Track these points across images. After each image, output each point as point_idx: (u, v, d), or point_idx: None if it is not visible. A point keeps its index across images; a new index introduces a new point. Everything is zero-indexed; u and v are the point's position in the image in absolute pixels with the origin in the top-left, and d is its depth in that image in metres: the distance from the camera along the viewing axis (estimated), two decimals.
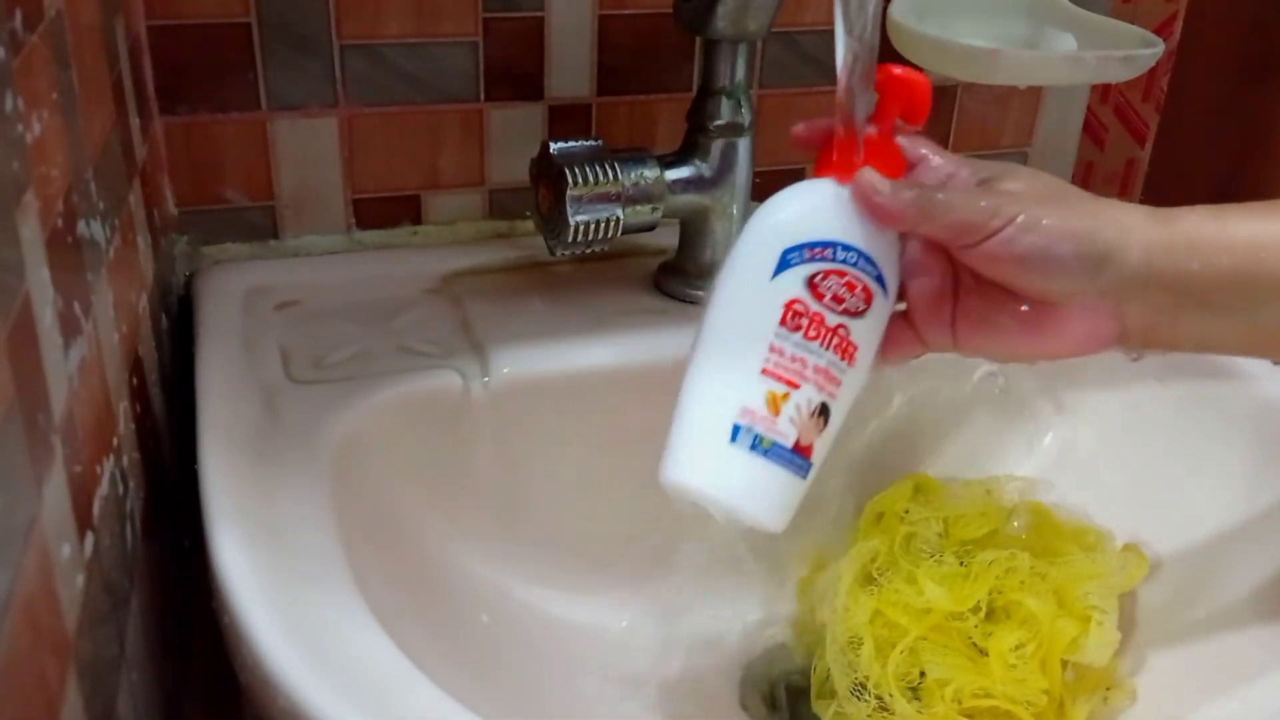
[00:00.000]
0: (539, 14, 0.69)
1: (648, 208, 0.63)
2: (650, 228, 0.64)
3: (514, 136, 0.72)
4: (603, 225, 0.62)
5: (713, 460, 0.43)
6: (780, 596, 0.64)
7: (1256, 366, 0.62)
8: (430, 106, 0.69)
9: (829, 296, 0.44)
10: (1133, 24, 0.70)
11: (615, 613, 0.62)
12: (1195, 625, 0.57)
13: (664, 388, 0.45)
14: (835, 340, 0.44)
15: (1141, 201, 0.45)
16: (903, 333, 0.47)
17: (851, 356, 0.44)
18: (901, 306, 0.47)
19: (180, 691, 0.54)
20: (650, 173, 0.63)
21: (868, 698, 0.55)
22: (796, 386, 0.43)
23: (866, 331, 0.45)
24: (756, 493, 0.43)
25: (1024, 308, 0.44)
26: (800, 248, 0.44)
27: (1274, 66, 0.82)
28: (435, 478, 0.59)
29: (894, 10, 0.69)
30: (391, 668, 0.42)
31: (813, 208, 0.45)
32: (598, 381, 0.61)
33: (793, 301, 0.43)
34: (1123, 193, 0.92)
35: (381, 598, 0.47)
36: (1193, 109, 0.85)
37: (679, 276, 0.68)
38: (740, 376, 0.43)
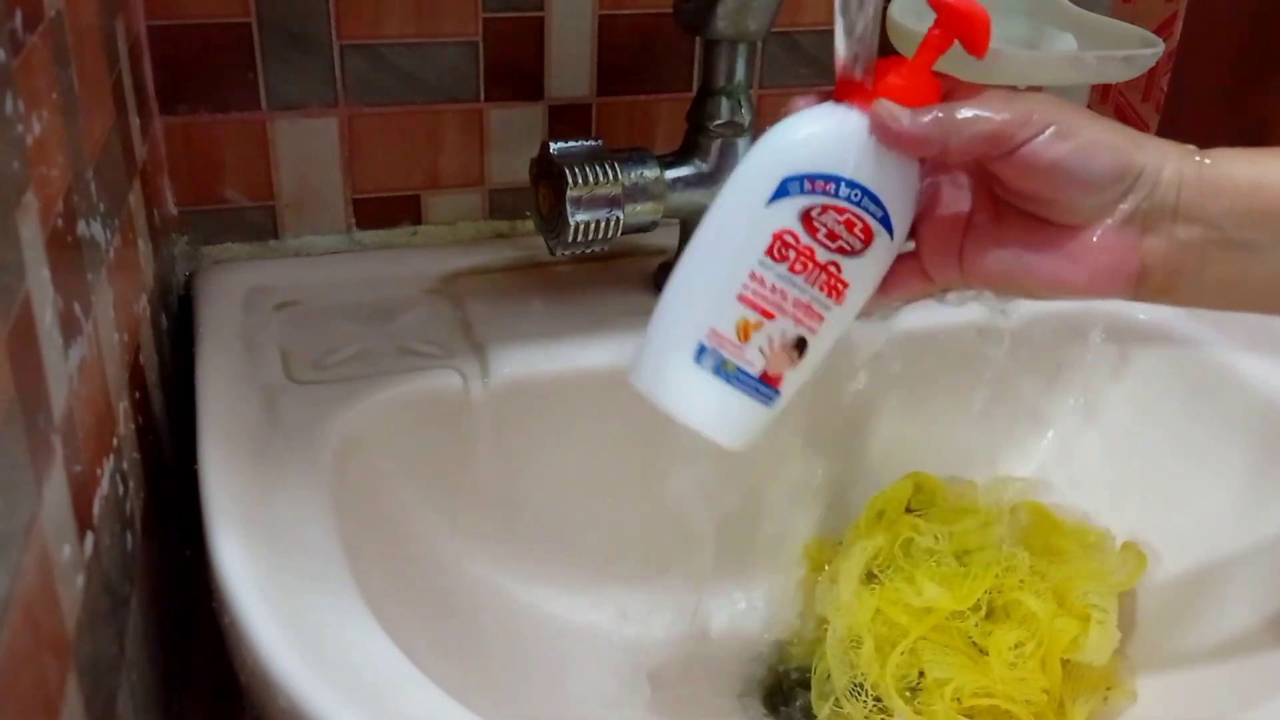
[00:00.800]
0: (539, 14, 0.69)
1: (648, 207, 0.63)
2: (650, 228, 0.64)
3: (514, 136, 0.71)
4: (603, 225, 0.62)
5: (675, 376, 0.44)
6: (780, 594, 0.64)
7: (1258, 364, 0.62)
8: (430, 106, 0.69)
9: (823, 232, 0.42)
10: (1133, 24, 0.69)
11: (614, 612, 0.62)
12: (1195, 624, 0.57)
13: None
14: (823, 277, 0.43)
15: None
16: (906, 269, 0.45)
17: (840, 294, 0.43)
18: (910, 246, 0.45)
19: (180, 691, 0.54)
20: (650, 172, 0.63)
21: (866, 697, 0.55)
22: (771, 317, 0.43)
23: (861, 270, 0.43)
24: (715, 414, 0.44)
25: (1036, 249, 0.43)
26: (801, 178, 0.42)
27: (1274, 66, 0.81)
28: (435, 477, 0.59)
29: (894, 10, 0.69)
30: (391, 667, 0.42)
31: (824, 136, 0.43)
32: (597, 382, 0.61)
33: (783, 232, 0.42)
34: None
35: (381, 597, 0.47)
36: (1193, 109, 0.85)
37: None
38: (716, 297, 0.43)
